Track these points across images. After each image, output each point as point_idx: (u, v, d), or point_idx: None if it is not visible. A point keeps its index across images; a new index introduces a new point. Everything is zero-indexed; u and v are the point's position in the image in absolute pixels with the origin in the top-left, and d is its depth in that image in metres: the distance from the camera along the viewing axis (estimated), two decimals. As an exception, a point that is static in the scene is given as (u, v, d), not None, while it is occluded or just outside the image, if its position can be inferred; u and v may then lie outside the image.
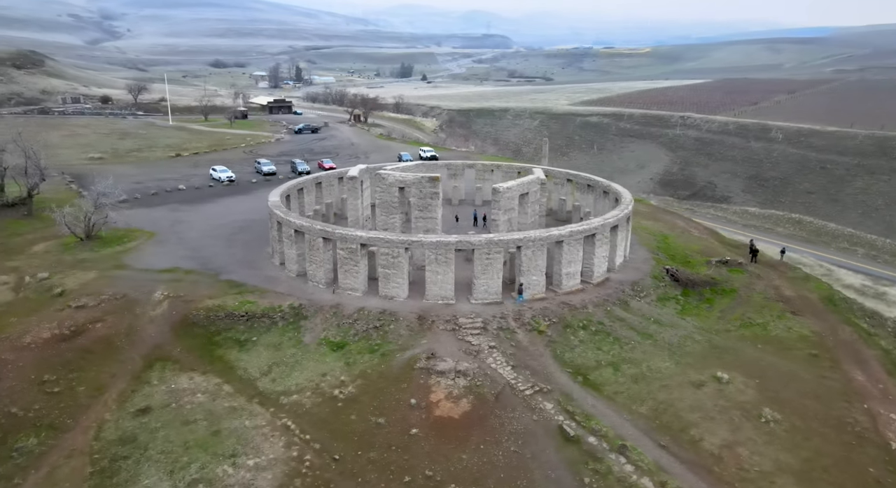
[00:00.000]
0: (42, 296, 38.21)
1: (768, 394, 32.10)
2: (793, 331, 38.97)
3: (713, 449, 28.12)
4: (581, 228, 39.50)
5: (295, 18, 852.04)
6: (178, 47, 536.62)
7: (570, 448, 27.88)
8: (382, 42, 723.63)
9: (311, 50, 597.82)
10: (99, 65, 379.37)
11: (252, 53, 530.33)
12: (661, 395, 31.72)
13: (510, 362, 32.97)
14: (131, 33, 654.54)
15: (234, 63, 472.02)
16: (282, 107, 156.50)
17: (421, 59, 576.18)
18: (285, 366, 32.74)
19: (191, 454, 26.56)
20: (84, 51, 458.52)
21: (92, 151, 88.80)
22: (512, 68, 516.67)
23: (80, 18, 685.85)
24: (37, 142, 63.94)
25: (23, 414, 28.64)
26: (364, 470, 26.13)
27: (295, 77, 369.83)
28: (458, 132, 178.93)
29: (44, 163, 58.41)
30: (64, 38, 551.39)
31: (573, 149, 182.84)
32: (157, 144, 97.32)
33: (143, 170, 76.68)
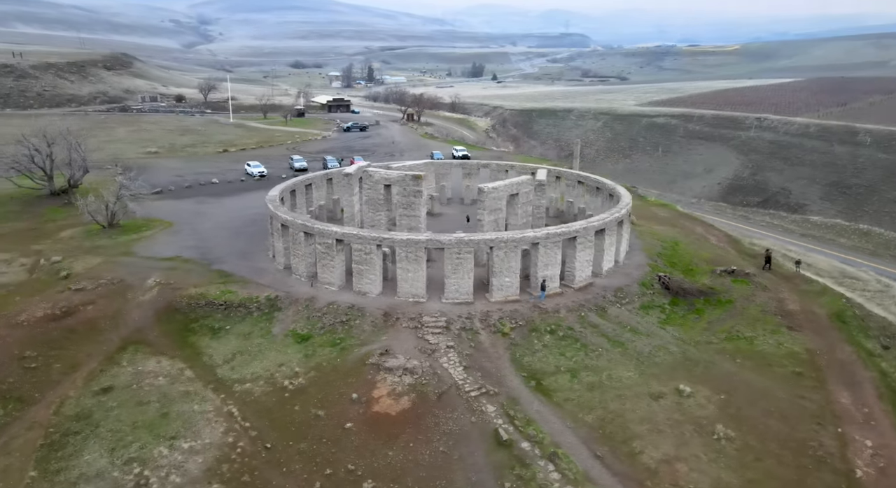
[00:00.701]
0: (50, 277, 40.98)
1: (730, 411, 30.40)
2: (782, 347, 36.45)
3: (651, 463, 26.97)
4: (559, 231, 38.48)
5: (374, 20, 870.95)
6: (263, 49, 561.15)
7: (500, 452, 27.40)
8: (457, 42, 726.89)
9: (386, 50, 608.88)
10: (189, 66, 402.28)
11: (330, 54, 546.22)
12: (613, 405, 30.59)
13: (464, 363, 32.69)
14: (223, 37, 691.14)
15: (313, 64, 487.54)
16: (340, 105, 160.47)
17: (493, 58, 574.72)
18: (248, 355, 33.82)
19: (135, 434, 27.82)
20: (178, 54, 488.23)
21: (151, 146, 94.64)
22: (586, 68, 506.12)
23: (180, 23, 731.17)
24: (94, 137, 69.20)
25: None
26: (291, 460, 26.69)
27: (367, 77, 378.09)
28: (511, 132, 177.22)
29: (83, 155, 62.59)
30: (164, 41, 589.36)
31: (636, 151, 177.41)
32: (212, 140, 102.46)
33: (188, 164, 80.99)
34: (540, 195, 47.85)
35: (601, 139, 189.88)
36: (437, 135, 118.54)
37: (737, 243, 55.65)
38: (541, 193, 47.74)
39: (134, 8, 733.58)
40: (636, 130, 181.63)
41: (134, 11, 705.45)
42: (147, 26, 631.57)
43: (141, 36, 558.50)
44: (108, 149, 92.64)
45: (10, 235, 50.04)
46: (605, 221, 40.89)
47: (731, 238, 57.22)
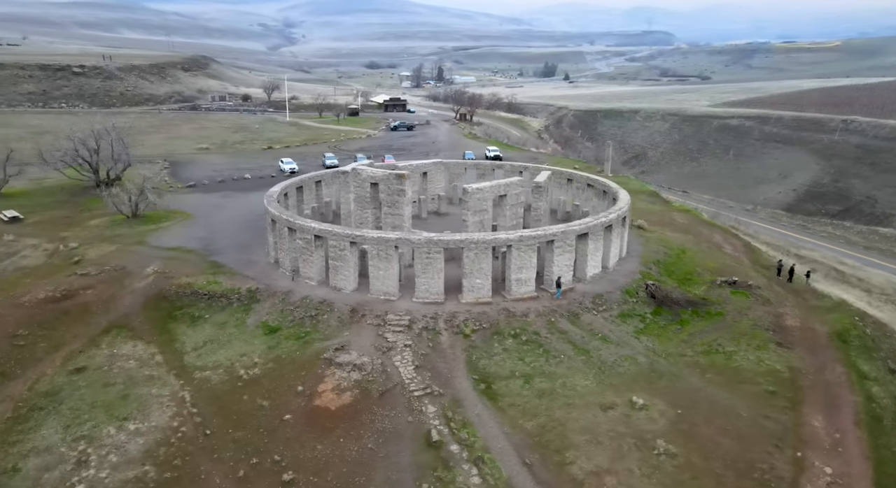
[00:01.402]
0: (63, 262, 43.74)
1: (681, 427, 28.85)
2: (762, 364, 34.08)
3: (580, 474, 25.99)
4: (533, 234, 37.57)
5: (450, 20, 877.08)
6: (341, 50, 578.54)
7: (428, 453, 27.16)
8: (532, 41, 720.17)
9: (460, 50, 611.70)
10: (271, 67, 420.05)
11: (404, 55, 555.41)
12: (558, 413, 29.66)
13: (417, 362, 32.56)
14: (305, 39, 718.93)
15: (388, 64, 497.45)
16: (396, 105, 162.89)
17: (568, 58, 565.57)
18: (216, 344, 34.99)
19: (92, 413, 29.20)
20: (262, 56, 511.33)
21: (204, 142, 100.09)
22: (666, 67, 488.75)
23: (267, 27, 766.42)
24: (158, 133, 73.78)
25: None
26: (224, 447, 27.33)
27: (436, 77, 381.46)
28: (564, 133, 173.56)
29: (126, 150, 66.76)
30: (251, 44, 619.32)
31: (705, 154, 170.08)
32: (262, 138, 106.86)
33: (230, 159, 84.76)
34: (538, 197, 46.83)
35: (667, 141, 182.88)
36: (479, 135, 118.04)
37: (755, 253, 52.33)
38: (538, 195, 46.71)
39: (226, 13, 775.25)
40: (706, 132, 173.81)
41: (226, 16, 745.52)
42: (236, 30, 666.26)
43: (230, 39, 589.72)
44: (168, 145, 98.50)
45: (47, 222, 54.02)
46: (588, 226, 39.54)
47: (749, 248, 53.85)
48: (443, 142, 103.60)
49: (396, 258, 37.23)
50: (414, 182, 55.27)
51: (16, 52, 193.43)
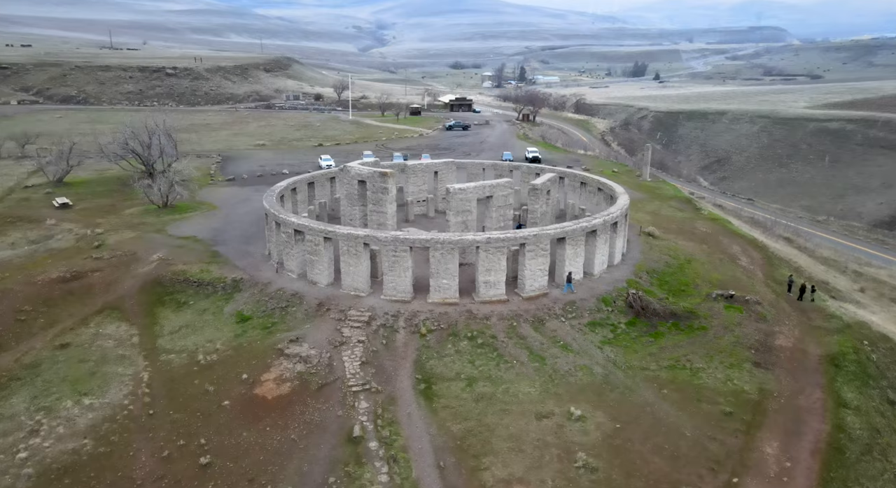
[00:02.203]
0: (86, 246, 46.76)
1: (614, 441, 27.45)
2: (730, 384, 31.58)
3: (490, 481, 25.28)
4: (503, 237, 36.63)
5: (541, 20, 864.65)
6: (429, 51, 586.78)
7: (346, 447, 27.22)
8: (625, 40, 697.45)
9: (547, 50, 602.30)
10: (359, 68, 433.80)
11: (490, 55, 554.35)
12: (489, 419, 28.90)
13: (365, 358, 32.66)
14: (395, 40, 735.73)
15: (472, 64, 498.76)
16: (462, 104, 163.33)
17: (661, 57, 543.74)
18: (190, 329, 36.63)
19: (60, 386, 31.08)
20: (353, 57, 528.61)
21: (263, 139, 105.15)
22: (771, 65, 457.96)
23: (361, 29, 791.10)
24: (226, 129, 78.55)
25: None
26: (160, 428, 28.30)
27: (518, 77, 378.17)
28: (629, 135, 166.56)
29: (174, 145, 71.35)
30: (344, 46, 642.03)
31: (797, 159, 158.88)
32: (318, 135, 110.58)
33: (278, 155, 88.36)
34: (535, 199, 45.57)
35: (754, 145, 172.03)
36: (532, 136, 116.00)
37: (773, 267, 48.13)
38: (535, 198, 45.45)
39: (324, 16, 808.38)
40: (799, 136, 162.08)
41: (324, 20, 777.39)
42: (332, 32, 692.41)
43: (325, 41, 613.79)
44: (231, 140, 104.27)
45: (91, 209, 58.11)
46: (566, 230, 38.07)
47: (769, 261, 49.61)
48: (491, 143, 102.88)
49: (367, 255, 37.62)
50: (424, 180, 55.55)
51: (125, 56, 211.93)
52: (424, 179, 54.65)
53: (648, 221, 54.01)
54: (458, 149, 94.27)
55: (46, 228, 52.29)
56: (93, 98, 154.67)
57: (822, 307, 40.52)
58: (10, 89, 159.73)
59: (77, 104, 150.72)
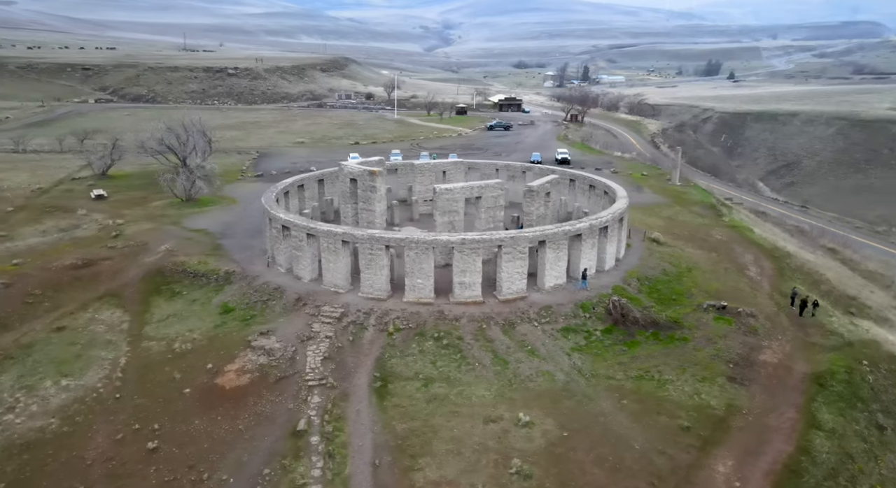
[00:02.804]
0: (104, 236, 49.27)
1: (556, 450, 26.74)
2: (696, 399, 30.11)
3: (420, 481, 25.01)
4: (478, 238, 36.16)
5: (611, 17, 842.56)
6: (493, 50, 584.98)
7: (289, 441, 27.52)
8: (700, 37, 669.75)
9: (615, 48, 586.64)
10: (422, 68, 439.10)
11: (555, 54, 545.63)
12: (436, 420, 28.62)
13: (328, 354, 33.01)
14: (461, 40, 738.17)
15: (536, 64, 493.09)
16: (511, 104, 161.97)
17: (739, 54, 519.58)
18: (177, 318, 38.00)
19: (45, 367, 32.65)
20: (417, 56, 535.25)
21: (304, 137, 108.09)
22: (864, 63, 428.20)
23: (428, 29, 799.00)
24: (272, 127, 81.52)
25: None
26: (122, 411, 29.28)
27: (581, 76, 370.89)
28: (681, 137, 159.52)
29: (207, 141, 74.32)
30: (410, 46, 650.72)
31: (876, 165, 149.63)
32: (359, 133, 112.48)
33: (313, 153, 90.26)
34: (531, 201, 44.69)
35: (828, 149, 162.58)
36: (571, 138, 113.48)
37: (784, 280, 45.01)
38: (531, 200, 44.57)
39: (393, 17, 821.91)
40: (881, 140, 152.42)
41: (392, 20, 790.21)
42: (399, 33, 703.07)
43: (392, 41, 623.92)
44: (274, 137, 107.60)
45: (123, 201, 60.90)
46: (546, 234, 37.15)
47: (781, 273, 46.51)
48: (527, 144, 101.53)
49: (346, 252, 38.08)
50: (432, 180, 55.51)
51: (194, 57, 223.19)
52: (432, 179, 54.67)
53: (660, 227, 51.95)
54: (490, 149, 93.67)
55: (77, 218, 55.87)
56: (160, 97, 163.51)
57: (824, 322, 37.72)
58: (90, 89, 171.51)
59: (146, 102, 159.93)
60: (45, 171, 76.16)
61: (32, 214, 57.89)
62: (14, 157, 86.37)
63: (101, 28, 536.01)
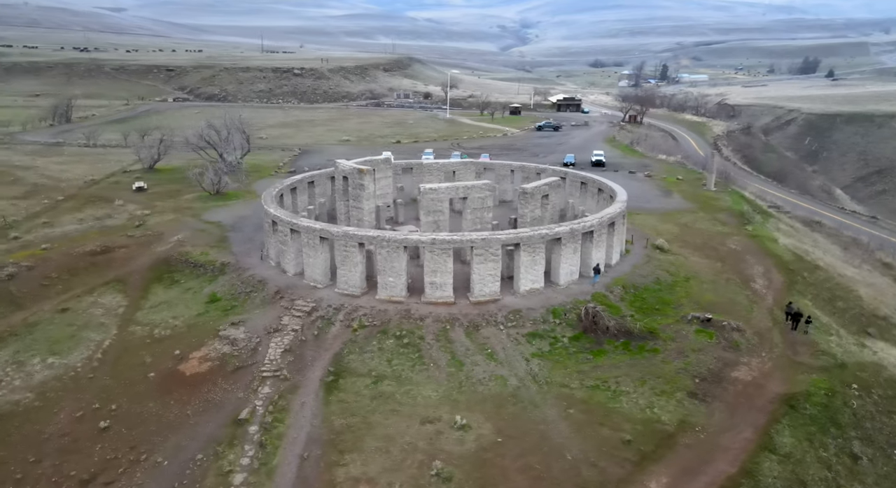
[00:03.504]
0: (129, 225, 52.14)
1: (485, 455, 26.30)
2: (647, 412, 28.90)
3: (341, 477, 25.20)
4: (448, 238, 35.88)
5: (701, 13, 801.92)
6: (570, 49, 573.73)
7: (230, 428, 28.16)
8: (799, 33, 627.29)
9: (700, 46, 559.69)
10: (494, 67, 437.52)
11: (635, 52, 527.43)
12: (375, 418, 28.70)
13: (290, 346, 33.79)
14: (538, 39, 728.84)
15: (614, 62, 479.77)
16: (570, 105, 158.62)
17: (842, 50, 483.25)
18: (168, 305, 39.93)
19: (40, 345, 34.97)
20: (490, 56, 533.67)
21: (351, 135, 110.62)
22: None
23: (505, 28, 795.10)
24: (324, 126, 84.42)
25: (13, 290, 40.99)
26: (87, 390, 31.02)
27: (659, 75, 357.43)
28: (754, 141, 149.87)
29: (247, 138, 77.53)
30: (485, 45, 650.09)
31: None
32: (406, 132, 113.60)
33: (352, 150, 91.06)
34: (524, 204, 43.83)
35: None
36: (619, 139, 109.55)
37: (793, 295, 41.56)
38: (525, 202, 43.72)
39: (471, 17, 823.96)
40: None
41: (470, 20, 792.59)
42: (475, 32, 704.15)
43: (467, 41, 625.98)
44: (322, 135, 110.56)
45: (159, 193, 64.14)
46: (521, 237, 36.34)
47: (791, 287, 43.00)
48: (571, 145, 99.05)
49: (325, 248, 38.81)
50: (440, 180, 55.42)
51: (268, 58, 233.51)
52: (440, 178, 54.66)
53: (672, 233, 49.55)
54: (529, 150, 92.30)
55: (112, 208, 59.96)
56: (231, 96, 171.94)
57: (818, 341, 34.72)
58: (170, 88, 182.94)
59: (217, 101, 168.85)
60: (104, 164, 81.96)
61: (77, 203, 62.57)
62: (83, 151, 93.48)
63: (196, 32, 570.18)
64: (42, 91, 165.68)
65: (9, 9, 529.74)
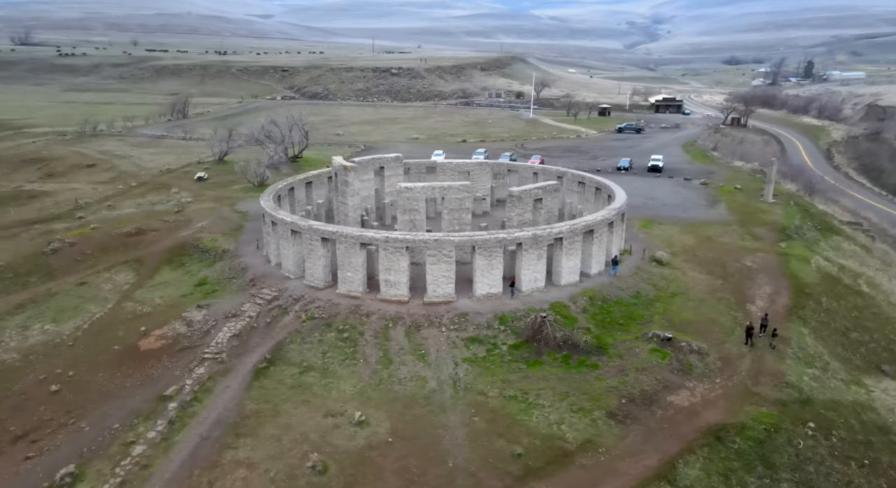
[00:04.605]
0: (171, 210, 57.07)
1: (369, 453, 26.54)
2: (553, 428, 27.93)
3: (226, 459, 26.32)
4: (400, 237, 35.88)
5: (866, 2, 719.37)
6: (703, 46, 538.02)
7: (153, 403, 29.71)
8: None
9: (862, 39, 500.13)
10: (614, 65, 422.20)
11: (779, 47, 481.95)
12: (285, 406, 29.51)
13: (240, 332, 35.56)
14: (669, 35, 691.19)
15: (753, 59, 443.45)
16: (669, 105, 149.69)
17: None
18: (164, 285, 43.03)
19: (48, 313, 39.12)
20: (612, 54, 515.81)
21: (424, 133, 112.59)
22: None
23: (634, 24, 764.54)
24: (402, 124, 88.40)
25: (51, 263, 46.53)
26: (61, 357, 34.44)
27: (802, 73, 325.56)
28: (880, 148, 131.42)
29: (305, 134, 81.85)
30: (609, 43, 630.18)
31: None
32: (476, 131, 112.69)
33: (412, 148, 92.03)
34: (512, 207, 42.63)
35: None
36: (700, 144, 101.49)
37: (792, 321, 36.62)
38: (513, 205, 42.54)
39: (599, 14, 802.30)
40: None
41: (597, 17, 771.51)
42: (601, 29, 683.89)
43: (591, 39, 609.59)
44: (397, 133, 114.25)
45: (214, 183, 68.72)
46: (475, 240, 35.50)
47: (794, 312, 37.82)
48: (642, 148, 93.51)
49: (297, 241, 40.30)
50: (455, 180, 55.33)
51: (374, 58, 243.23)
52: (453, 178, 54.50)
53: (685, 246, 45.86)
54: (591, 153, 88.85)
55: (168, 195, 66.02)
56: (331, 94, 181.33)
57: (786, 372, 30.41)
58: (282, 87, 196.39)
59: (319, 99, 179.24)
60: (186, 155, 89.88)
61: (144, 190, 69.51)
62: (178, 143, 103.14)
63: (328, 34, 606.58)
64: (178, 90, 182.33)
65: (175, 18, 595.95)
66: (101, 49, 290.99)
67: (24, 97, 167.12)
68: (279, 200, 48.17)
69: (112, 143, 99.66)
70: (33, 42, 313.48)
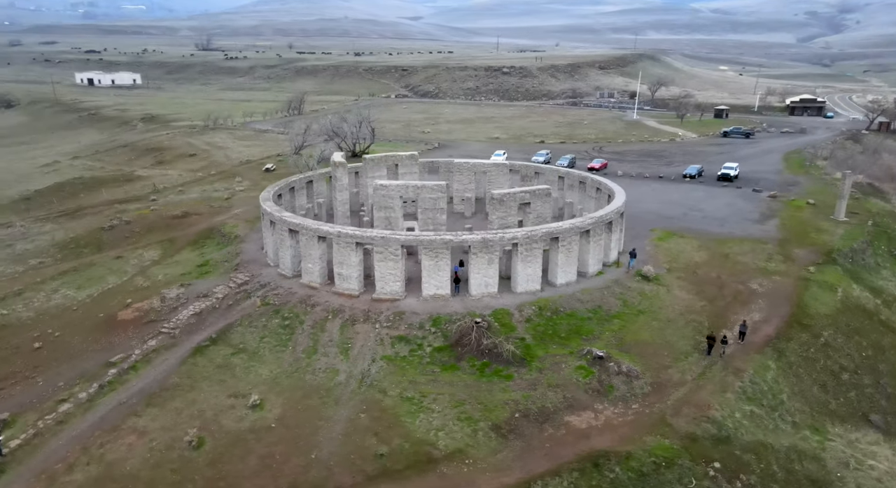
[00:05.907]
0: (220, 197, 63.07)
1: (246, 436, 28.20)
2: (431, 434, 27.88)
3: (127, 425, 29.11)
4: (350, 232, 36.63)
5: None
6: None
7: (100, 368, 33.31)
8: None
9: None
10: (777, 61, 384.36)
11: None
12: (201, 383, 31.79)
13: (202, 312, 38.32)
14: (858, 26, 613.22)
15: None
16: (808, 107, 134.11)
17: None
18: (175, 264, 46.91)
19: (78, 281, 44.52)
20: (781, 48, 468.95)
21: (506, 133, 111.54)
22: None
23: (815, 15, 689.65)
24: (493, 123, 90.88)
25: (103, 238, 53.74)
26: (61, 318, 39.46)
27: None
28: None
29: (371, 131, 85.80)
30: (779, 36, 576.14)
31: None
32: (566, 133, 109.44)
33: (485, 147, 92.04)
34: (493, 209, 41.52)
35: None
36: (814, 152, 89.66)
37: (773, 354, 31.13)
38: (494, 208, 41.45)
39: (772, 5, 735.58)
40: None
41: (769, 9, 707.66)
42: (772, 21, 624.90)
43: (758, 32, 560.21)
44: (480, 132, 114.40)
45: (279, 174, 72.71)
46: (420, 240, 35.36)
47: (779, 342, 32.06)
48: (734, 156, 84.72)
49: (275, 231, 42.73)
50: (470, 179, 54.90)
51: (498, 57, 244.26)
52: (470, 178, 54.19)
53: (691, 262, 42.07)
54: (667, 158, 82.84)
55: (231, 183, 72.21)
56: (442, 93, 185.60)
57: (711, 403, 26.56)
58: (398, 86, 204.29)
59: (430, 98, 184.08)
60: (274, 148, 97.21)
61: (217, 178, 76.36)
62: (273, 137, 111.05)
63: (469, 34, 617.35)
64: (311, 89, 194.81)
65: (332, 23, 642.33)
66: (261, 52, 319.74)
67: (186, 95, 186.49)
68: (293, 193, 50.87)
69: (220, 136, 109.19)
70: (212, 47, 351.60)
